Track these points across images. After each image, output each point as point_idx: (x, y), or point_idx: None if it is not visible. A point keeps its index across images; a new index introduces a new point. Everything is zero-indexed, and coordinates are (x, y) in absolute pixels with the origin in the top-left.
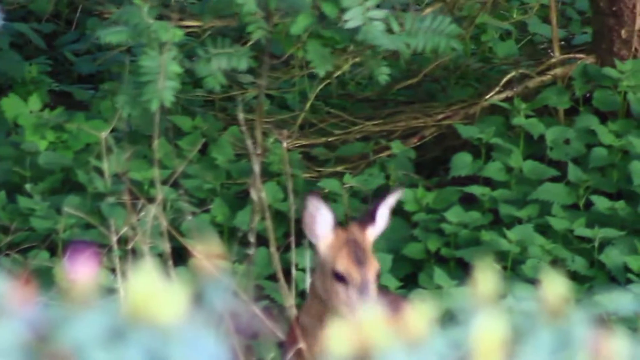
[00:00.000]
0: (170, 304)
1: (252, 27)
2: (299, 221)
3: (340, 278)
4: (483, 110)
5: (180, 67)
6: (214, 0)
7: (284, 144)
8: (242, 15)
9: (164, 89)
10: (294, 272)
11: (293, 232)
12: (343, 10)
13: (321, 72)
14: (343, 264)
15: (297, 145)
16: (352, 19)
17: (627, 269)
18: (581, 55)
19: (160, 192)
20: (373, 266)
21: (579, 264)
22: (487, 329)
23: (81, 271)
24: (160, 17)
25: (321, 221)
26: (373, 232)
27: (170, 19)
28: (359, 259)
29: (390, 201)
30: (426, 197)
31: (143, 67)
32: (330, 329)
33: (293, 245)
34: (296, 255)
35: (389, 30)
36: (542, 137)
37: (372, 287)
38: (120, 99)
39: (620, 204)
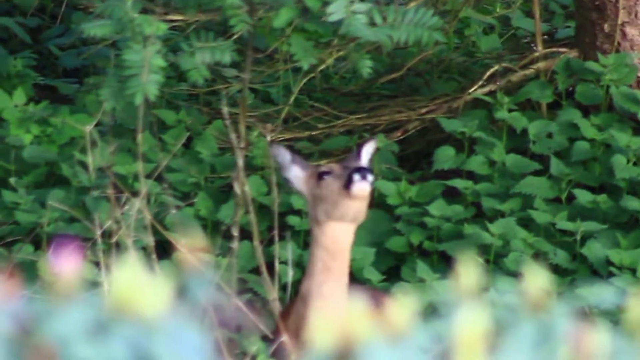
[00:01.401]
0: (154, 297)
1: (235, 20)
2: (283, 215)
3: (325, 173)
4: (466, 104)
5: (164, 60)
6: None
7: (268, 138)
8: (225, 8)
9: (148, 83)
10: (277, 265)
11: (277, 225)
12: (326, 4)
13: (305, 66)
14: (324, 167)
15: (281, 139)
16: (335, 12)
17: (609, 262)
18: (564, 49)
19: (145, 186)
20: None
21: (561, 257)
22: (470, 322)
23: (65, 265)
24: (144, 11)
25: (287, 163)
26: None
27: (154, 12)
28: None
29: (369, 147)
30: (409, 191)
31: (127, 60)
32: (314, 323)
33: (277, 238)
34: (279, 249)
35: (372, 24)
36: (524, 131)
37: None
38: (104, 92)
39: (602, 198)
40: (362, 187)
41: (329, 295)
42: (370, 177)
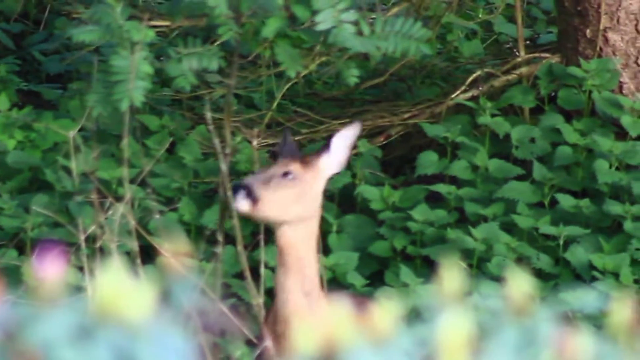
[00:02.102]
0: (138, 302)
1: (223, 29)
2: None
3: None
4: (449, 109)
5: (151, 67)
6: (186, 2)
7: (255, 143)
8: (212, 16)
9: (135, 89)
10: (262, 270)
11: (262, 230)
12: (314, 13)
13: (292, 74)
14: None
15: (264, 144)
16: (323, 21)
17: (591, 266)
18: (546, 55)
19: (128, 191)
20: (284, 165)
21: (544, 261)
22: (453, 326)
23: (49, 269)
24: (131, 17)
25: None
26: (328, 162)
27: (140, 19)
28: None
29: (347, 133)
30: (392, 196)
31: (114, 66)
32: (297, 327)
33: (262, 243)
34: (264, 254)
35: (359, 33)
36: (507, 136)
37: (267, 172)
38: (91, 98)
39: (585, 202)
40: (238, 206)
41: (289, 290)
42: (241, 195)
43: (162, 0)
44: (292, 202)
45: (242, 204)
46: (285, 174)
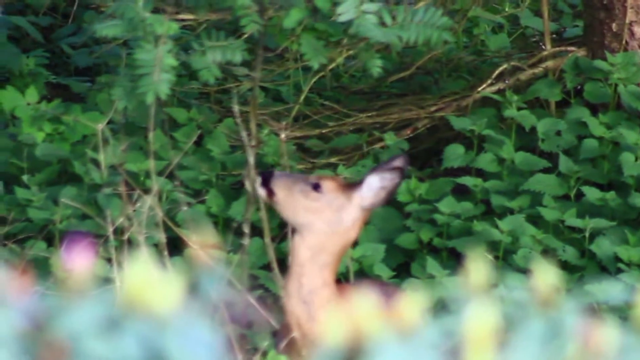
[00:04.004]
0: (165, 293)
1: (246, 20)
2: None
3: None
4: (475, 103)
5: (175, 60)
6: None
7: (283, 136)
8: (235, 9)
9: (160, 82)
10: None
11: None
12: (336, 4)
13: (315, 65)
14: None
15: (291, 137)
16: (345, 12)
17: (617, 258)
18: (572, 48)
19: (156, 183)
20: (311, 178)
21: (569, 253)
22: (479, 318)
23: (77, 261)
24: (155, 10)
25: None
26: (361, 196)
27: (166, 12)
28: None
29: (385, 174)
30: (419, 188)
31: (139, 60)
32: (325, 318)
33: (289, 234)
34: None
35: (382, 23)
36: (533, 129)
37: (294, 175)
38: (116, 91)
39: (610, 195)
40: (258, 190)
41: (288, 293)
42: (258, 182)
43: None
44: (307, 212)
45: (260, 192)
46: (316, 186)
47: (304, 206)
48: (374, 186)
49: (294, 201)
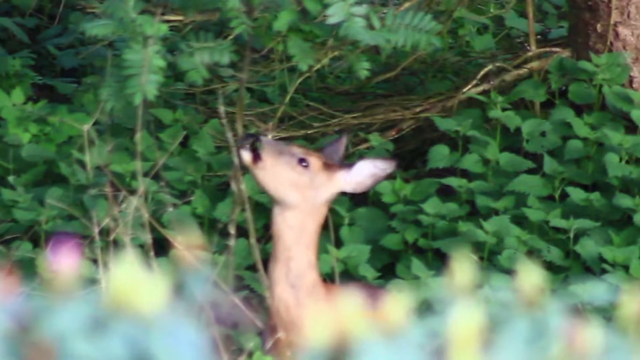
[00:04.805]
0: (151, 294)
1: (236, 22)
2: None
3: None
4: (460, 103)
5: (163, 61)
6: None
7: (268, 137)
8: (224, 10)
9: (148, 83)
10: None
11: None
12: (325, 6)
13: (303, 67)
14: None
15: (276, 137)
16: (335, 14)
17: (601, 259)
18: (557, 49)
19: (142, 184)
20: (296, 150)
21: (554, 254)
22: (464, 318)
23: (63, 262)
24: (143, 11)
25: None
26: (345, 178)
27: (153, 13)
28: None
29: (378, 163)
30: (404, 189)
31: (127, 60)
32: (310, 319)
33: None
34: None
35: (370, 26)
36: (518, 130)
37: (280, 143)
38: (104, 91)
39: (595, 196)
40: (242, 154)
41: (276, 281)
42: (247, 144)
43: None
44: (290, 185)
45: (245, 154)
46: (302, 160)
47: (288, 178)
48: (365, 172)
49: (280, 171)
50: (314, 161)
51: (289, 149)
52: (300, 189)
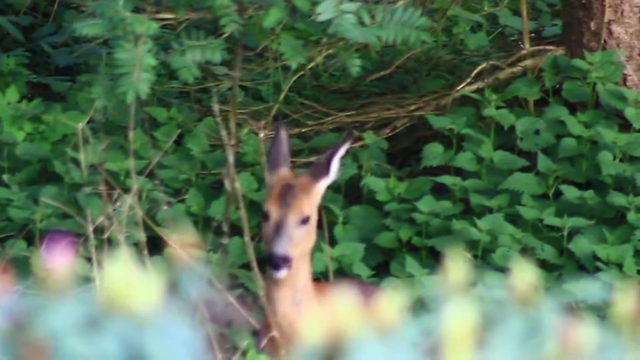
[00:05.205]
0: (145, 292)
1: (225, 20)
2: None
3: (264, 215)
4: (454, 102)
5: (155, 59)
6: None
7: (262, 135)
8: (215, 8)
9: (139, 81)
10: None
11: None
12: (315, 3)
13: (293, 65)
14: (267, 203)
15: (270, 136)
16: (324, 12)
17: (595, 257)
18: (551, 47)
19: (136, 183)
20: (298, 212)
21: (548, 252)
22: (458, 316)
23: (58, 260)
24: (135, 10)
25: (280, 153)
26: (326, 182)
27: (145, 11)
28: (285, 202)
29: (341, 151)
30: (398, 187)
31: (118, 59)
32: (305, 317)
33: None
34: None
35: (361, 23)
36: (512, 128)
37: (287, 228)
38: (96, 90)
39: (589, 194)
40: (276, 275)
41: (279, 301)
42: (282, 270)
43: None
44: (308, 238)
45: (282, 274)
46: (304, 221)
47: (304, 239)
48: (337, 167)
49: (300, 244)
50: (307, 205)
51: (288, 221)
52: (312, 231)
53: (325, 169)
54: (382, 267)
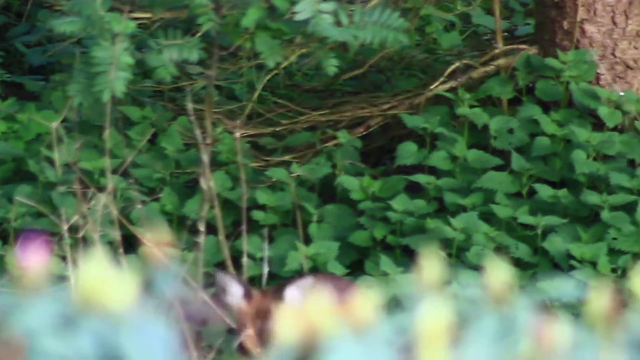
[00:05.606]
0: (120, 291)
1: (203, 18)
2: (249, 209)
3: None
4: (428, 101)
5: (131, 58)
6: None
7: (237, 135)
8: (192, 7)
9: (116, 80)
10: (244, 259)
11: (245, 220)
12: (293, 3)
13: (271, 64)
14: (247, 340)
15: (245, 134)
16: (303, 11)
17: (569, 255)
18: (524, 46)
19: (111, 181)
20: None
21: (522, 251)
22: (432, 315)
23: (32, 259)
24: (112, 9)
25: (232, 293)
26: (283, 307)
27: (121, 10)
28: (262, 337)
29: (301, 285)
30: (372, 186)
31: (95, 57)
32: (278, 316)
33: (244, 233)
34: (246, 243)
35: (338, 23)
36: (486, 127)
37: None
38: (72, 88)
39: (562, 192)
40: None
41: None
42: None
43: None
44: None
45: None
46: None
47: None
48: (296, 298)
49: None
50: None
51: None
52: None
53: (281, 296)
54: (356, 265)
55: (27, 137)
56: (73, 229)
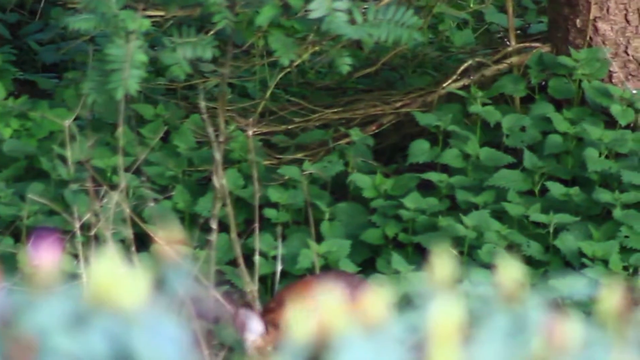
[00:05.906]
0: (132, 289)
1: (218, 16)
2: (261, 207)
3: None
4: (440, 98)
5: (145, 56)
6: None
7: (250, 133)
8: (207, 5)
9: (130, 78)
10: (256, 257)
11: (257, 218)
12: (307, 1)
13: (285, 62)
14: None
15: (257, 132)
16: (317, 9)
17: (581, 254)
18: (537, 44)
19: (123, 179)
20: None
21: (534, 249)
22: (444, 313)
23: (44, 257)
24: (125, 6)
25: (251, 329)
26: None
27: (135, 8)
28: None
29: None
30: (384, 184)
31: (110, 55)
32: (290, 315)
33: (257, 231)
34: (258, 241)
35: (352, 21)
36: (498, 125)
37: None
38: (86, 85)
39: (574, 190)
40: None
41: None
42: None
43: None
44: None
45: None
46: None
47: None
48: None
49: None
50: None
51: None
52: None
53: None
54: (368, 263)
55: (40, 135)
56: (85, 227)
